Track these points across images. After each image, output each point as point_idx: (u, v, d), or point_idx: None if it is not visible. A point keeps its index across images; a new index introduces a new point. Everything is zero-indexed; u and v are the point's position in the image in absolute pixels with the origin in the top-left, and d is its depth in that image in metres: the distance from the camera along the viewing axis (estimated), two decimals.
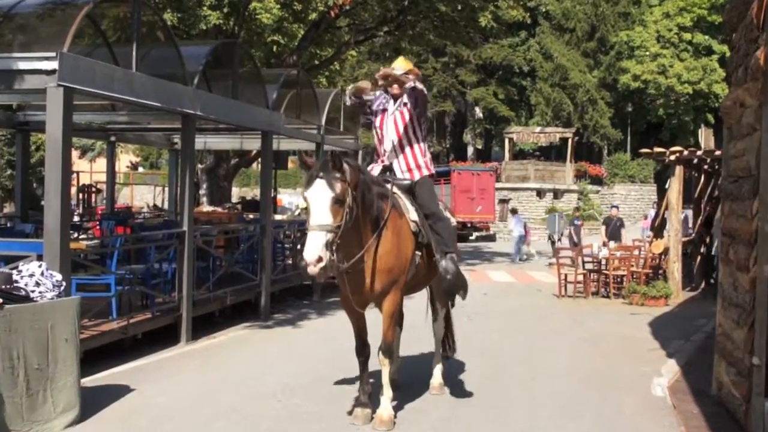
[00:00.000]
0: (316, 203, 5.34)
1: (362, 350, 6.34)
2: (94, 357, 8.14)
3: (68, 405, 6.04)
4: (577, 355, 9.50)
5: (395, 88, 6.53)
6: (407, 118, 6.55)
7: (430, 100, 44.06)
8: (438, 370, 7.31)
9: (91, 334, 8.38)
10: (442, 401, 6.87)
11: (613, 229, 18.22)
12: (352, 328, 6.33)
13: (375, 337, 6.36)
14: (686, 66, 40.16)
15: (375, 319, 6.34)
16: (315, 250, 5.18)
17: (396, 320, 6.49)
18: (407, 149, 6.59)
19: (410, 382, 7.47)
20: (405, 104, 6.58)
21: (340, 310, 12.12)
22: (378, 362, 6.28)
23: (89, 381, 7.36)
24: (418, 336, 8.57)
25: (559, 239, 22.97)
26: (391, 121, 6.58)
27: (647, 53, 40.94)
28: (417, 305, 7.93)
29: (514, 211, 24.89)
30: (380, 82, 6.52)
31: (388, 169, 6.56)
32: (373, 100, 6.66)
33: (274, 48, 19.86)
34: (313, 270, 5.17)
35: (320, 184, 5.36)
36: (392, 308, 6.17)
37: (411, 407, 6.71)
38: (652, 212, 24.54)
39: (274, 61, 19.95)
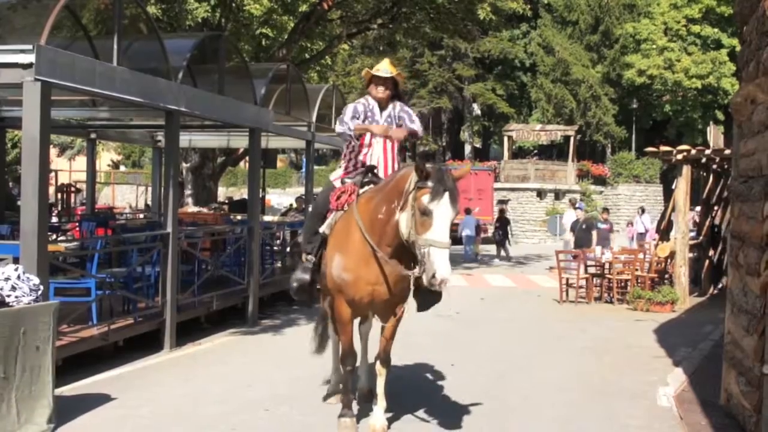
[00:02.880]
0: (445, 219, 5.45)
1: (353, 359, 6.39)
2: (72, 365, 8.11)
3: (37, 415, 6.00)
4: (579, 363, 9.50)
5: (380, 93, 6.55)
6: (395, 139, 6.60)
7: (425, 96, 44.35)
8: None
9: (70, 340, 8.35)
10: (438, 412, 6.86)
11: (580, 233, 17.77)
12: (344, 338, 6.32)
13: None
14: (694, 60, 40.25)
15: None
16: (449, 267, 5.40)
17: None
18: (391, 152, 6.63)
19: (404, 391, 7.46)
20: (392, 119, 6.62)
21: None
22: (376, 371, 6.33)
23: (67, 390, 7.35)
24: (412, 343, 8.56)
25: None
26: (380, 140, 6.57)
27: (653, 47, 41.02)
28: (411, 310, 7.91)
29: (468, 211, 24.99)
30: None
31: (371, 170, 6.54)
32: (352, 110, 6.60)
33: (263, 41, 19.85)
34: (442, 288, 5.44)
35: (452, 201, 5.46)
36: (402, 316, 6.27)
37: (406, 418, 6.70)
38: (638, 219, 24.35)
39: (262, 55, 19.94)
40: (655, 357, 9.85)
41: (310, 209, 6.67)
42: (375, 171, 6.51)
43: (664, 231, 16.52)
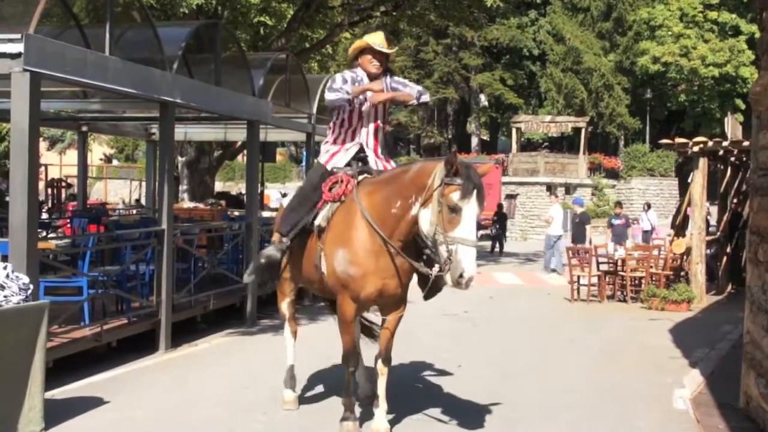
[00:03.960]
0: (472, 217, 5.58)
1: (356, 359, 6.39)
2: (64, 367, 8.12)
3: (27, 419, 5.99)
4: (591, 364, 9.49)
5: (374, 67, 6.52)
6: (380, 109, 6.60)
7: (430, 87, 44.28)
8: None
9: (61, 341, 8.35)
10: (443, 414, 6.85)
11: (574, 227, 17.67)
12: (347, 337, 6.31)
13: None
14: (711, 47, 40.16)
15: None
16: (476, 266, 5.55)
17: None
18: (380, 137, 6.63)
19: (408, 392, 7.46)
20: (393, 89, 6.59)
21: (330, 316, 12.10)
22: (377, 371, 6.30)
23: (58, 393, 7.35)
24: (416, 343, 8.56)
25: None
26: (379, 107, 6.56)
27: (669, 33, 40.90)
28: (416, 309, 7.91)
29: None
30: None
31: (360, 158, 6.53)
32: (341, 79, 6.51)
33: (261, 30, 19.81)
34: (467, 287, 5.54)
35: (479, 199, 5.57)
36: (404, 312, 6.34)
37: (409, 421, 6.70)
38: (644, 215, 24.21)
39: (260, 45, 19.91)
40: (671, 358, 9.84)
41: (295, 191, 6.67)
42: (365, 155, 6.53)
43: (679, 226, 16.48)
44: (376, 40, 6.57)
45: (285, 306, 7.28)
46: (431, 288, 6.17)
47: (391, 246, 5.89)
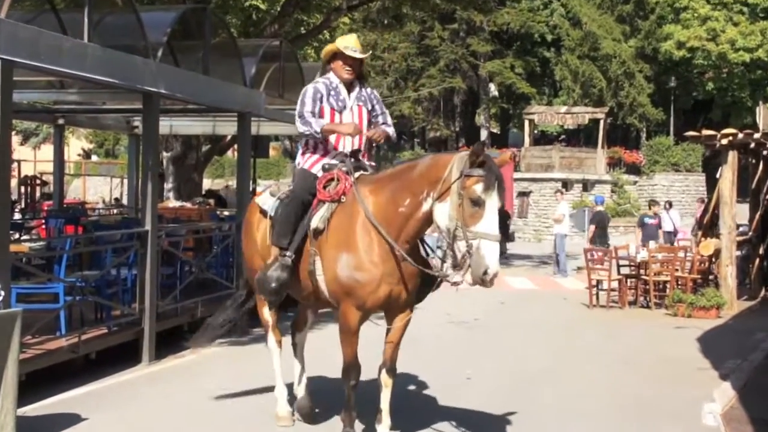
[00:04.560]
0: (495, 210, 5.61)
1: (357, 372, 6.35)
2: (38, 380, 8.09)
3: None
4: (612, 376, 9.48)
5: (347, 73, 6.59)
6: (365, 115, 6.70)
7: (436, 76, 44.31)
8: None
9: (35, 353, 8.34)
10: (451, 428, 6.83)
11: (596, 228, 17.86)
12: (349, 349, 6.26)
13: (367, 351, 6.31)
14: (741, 31, 40.09)
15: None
16: (499, 261, 5.59)
17: None
18: (365, 142, 6.67)
19: (413, 406, 7.43)
20: (365, 101, 6.70)
21: (328, 323, 12.05)
22: (381, 383, 6.30)
23: (31, 410, 7.33)
24: (422, 353, 8.53)
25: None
26: (356, 114, 6.63)
27: (695, 16, 40.82)
28: (422, 317, 7.89)
29: None
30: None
31: (355, 155, 6.54)
32: (312, 96, 6.57)
33: (253, 14, 19.79)
34: (491, 284, 5.56)
35: (500, 191, 5.63)
36: (411, 316, 6.34)
37: None
38: (665, 215, 24.00)
39: (252, 30, 19.88)
40: (699, 369, 9.82)
41: (283, 198, 6.62)
42: (359, 155, 6.56)
43: (707, 226, 16.44)
44: (349, 43, 6.59)
45: (267, 313, 7.22)
46: (421, 292, 6.30)
47: (398, 249, 5.91)
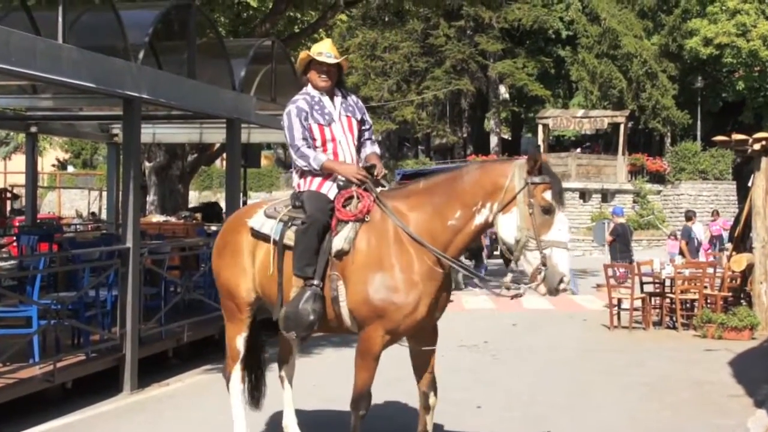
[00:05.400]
0: (563, 216, 5.92)
1: (368, 401, 6.33)
2: (9, 412, 8.08)
3: None
4: (634, 404, 9.44)
5: (322, 81, 6.67)
6: (354, 126, 6.75)
7: (441, 77, 44.37)
8: None
9: (7, 382, 8.35)
10: None
11: (618, 242, 17.97)
12: (367, 375, 6.25)
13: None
14: None
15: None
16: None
17: None
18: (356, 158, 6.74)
19: None
20: (353, 111, 6.77)
21: (325, 347, 12.07)
22: (429, 405, 6.50)
23: None
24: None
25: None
26: (345, 126, 6.68)
27: (723, 9, 40.86)
28: None
29: None
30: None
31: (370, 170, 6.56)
32: (296, 115, 6.61)
33: (242, 12, 19.87)
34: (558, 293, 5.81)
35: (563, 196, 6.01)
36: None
37: None
38: (698, 228, 23.88)
39: (242, 29, 19.98)
40: (731, 396, 9.79)
41: (300, 225, 6.50)
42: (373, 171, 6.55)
43: (738, 239, 16.43)
44: (323, 49, 6.65)
45: (241, 343, 7.05)
46: None
47: (438, 268, 6.05)
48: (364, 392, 6.29)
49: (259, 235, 6.65)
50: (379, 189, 6.41)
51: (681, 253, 18.73)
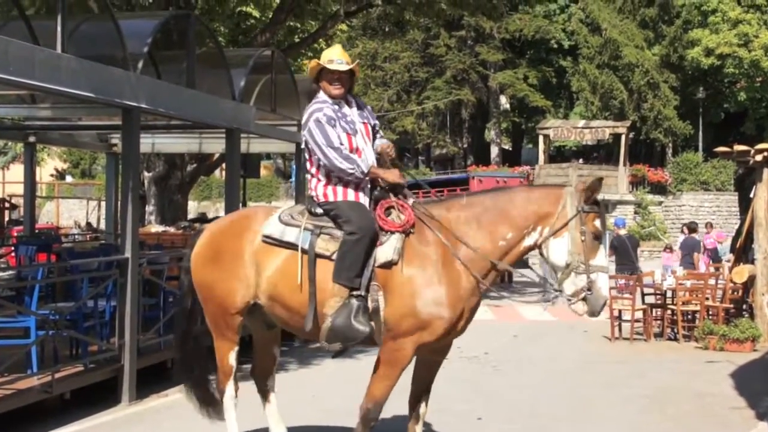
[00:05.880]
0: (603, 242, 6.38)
1: (379, 414, 6.27)
2: (7, 424, 8.06)
3: None
4: (635, 416, 9.44)
5: (336, 90, 6.57)
6: (371, 133, 6.76)
7: (442, 87, 44.43)
8: None
9: (4, 393, 8.31)
10: None
11: (620, 253, 17.67)
12: (390, 384, 6.20)
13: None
14: None
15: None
16: None
17: None
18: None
19: None
20: (367, 118, 6.76)
21: (323, 358, 12.04)
22: (420, 415, 6.58)
23: None
24: None
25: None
26: (364, 133, 6.65)
27: (725, 19, 40.88)
28: None
29: None
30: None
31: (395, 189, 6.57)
32: (327, 123, 6.49)
33: (242, 22, 19.91)
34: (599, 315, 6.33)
35: None
36: None
37: None
38: (700, 238, 23.75)
39: (241, 39, 20.03)
40: (733, 408, 9.78)
41: (348, 236, 6.32)
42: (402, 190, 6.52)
43: (740, 250, 16.43)
44: (333, 56, 6.56)
45: (233, 358, 7.02)
46: None
47: (483, 285, 6.27)
48: (382, 402, 6.22)
49: (276, 243, 6.43)
50: (410, 200, 6.39)
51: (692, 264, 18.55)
